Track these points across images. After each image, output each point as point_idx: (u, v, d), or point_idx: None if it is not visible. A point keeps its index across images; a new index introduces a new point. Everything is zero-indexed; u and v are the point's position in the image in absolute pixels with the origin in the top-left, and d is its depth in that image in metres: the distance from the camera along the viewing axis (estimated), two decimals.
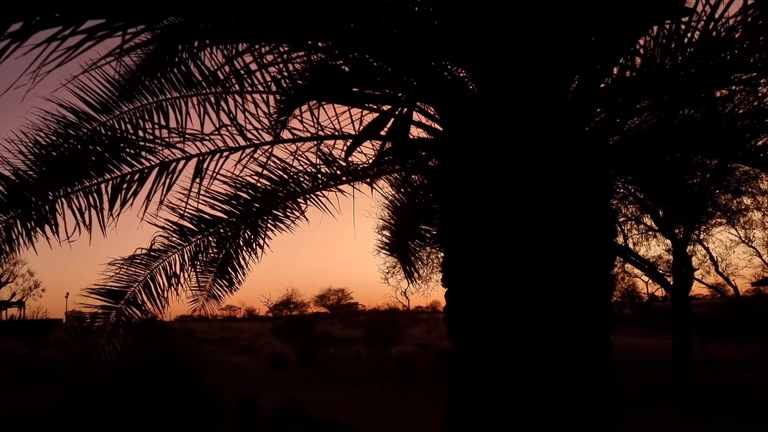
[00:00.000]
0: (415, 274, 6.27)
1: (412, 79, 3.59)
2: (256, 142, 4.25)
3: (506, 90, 3.42)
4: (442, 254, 3.81)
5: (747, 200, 16.75)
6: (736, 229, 18.67)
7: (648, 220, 17.01)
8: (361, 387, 15.56)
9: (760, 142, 4.31)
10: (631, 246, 17.65)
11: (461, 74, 4.00)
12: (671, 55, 2.94)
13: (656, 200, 11.85)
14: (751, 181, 15.00)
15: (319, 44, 3.29)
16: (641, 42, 3.57)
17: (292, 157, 4.52)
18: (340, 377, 17.60)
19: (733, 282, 20.29)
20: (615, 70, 3.47)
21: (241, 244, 5.27)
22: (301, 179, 4.78)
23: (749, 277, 31.47)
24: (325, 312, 53.92)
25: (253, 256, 5.35)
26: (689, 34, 2.94)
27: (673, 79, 2.93)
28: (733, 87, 3.46)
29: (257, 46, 3.41)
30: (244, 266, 5.44)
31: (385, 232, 6.28)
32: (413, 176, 5.08)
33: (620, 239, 17.06)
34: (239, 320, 61.99)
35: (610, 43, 3.08)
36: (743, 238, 19.19)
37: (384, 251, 6.15)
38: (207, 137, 4.13)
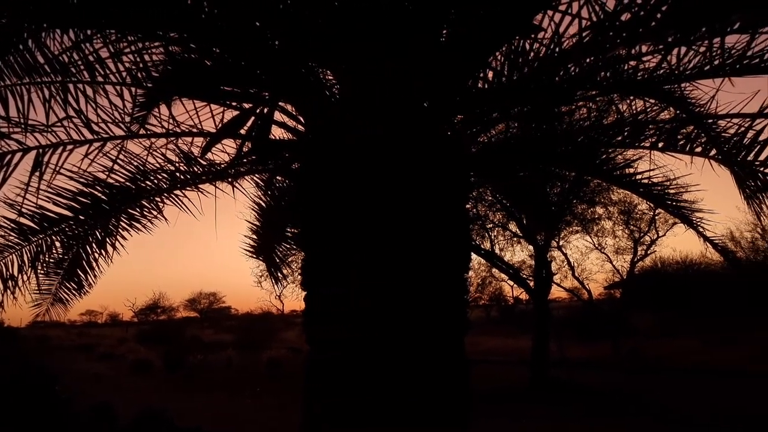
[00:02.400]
0: (282, 278, 6.16)
1: (274, 78, 3.51)
2: (104, 135, 3.98)
3: (367, 94, 3.44)
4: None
5: (600, 210, 18.13)
6: (590, 237, 20.16)
7: (513, 227, 17.91)
8: (230, 393, 15.13)
9: (603, 156, 4.64)
10: (497, 251, 18.51)
11: (326, 76, 3.98)
12: (518, 69, 3.08)
13: (518, 209, 12.47)
14: (603, 192, 16.22)
15: (170, 36, 3.12)
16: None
17: (147, 153, 4.28)
18: (209, 383, 17.03)
19: (587, 286, 21.88)
20: (471, 82, 3.58)
21: (93, 244, 4.92)
22: (159, 177, 4.54)
23: (601, 281, 34.00)
24: (195, 316, 51.95)
25: (107, 257, 5.01)
26: (534, 52, 3.09)
27: (519, 92, 3.07)
28: (577, 103, 3.71)
29: (106, 33, 3.20)
30: (95, 268, 5.08)
31: (252, 235, 6.12)
32: (279, 178, 4.99)
33: (487, 245, 17.82)
34: (101, 326, 58.33)
35: (466, 55, 3.17)
36: (596, 245, 20.74)
37: (250, 255, 5.99)
38: (48, 129, 3.81)
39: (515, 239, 18.66)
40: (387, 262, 3.01)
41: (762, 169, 3.63)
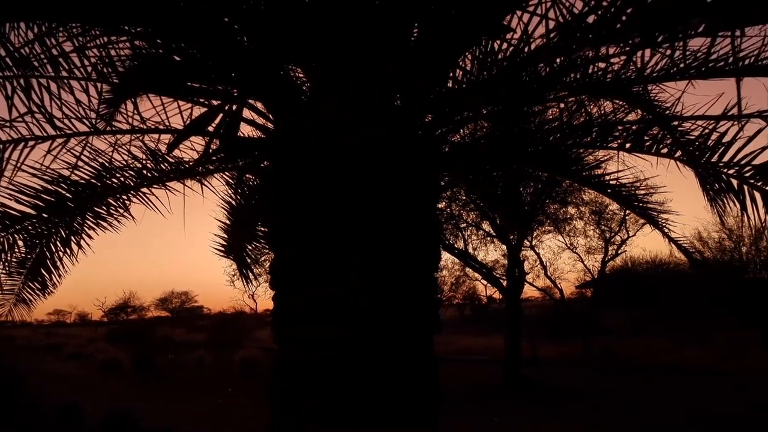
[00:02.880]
0: (253, 278, 6.11)
1: (243, 75, 3.47)
2: (68, 131, 3.90)
3: (337, 92, 3.42)
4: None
5: (572, 210, 18.32)
6: (562, 237, 20.37)
7: (487, 227, 18.00)
8: (202, 393, 14.99)
9: (573, 157, 4.68)
10: (471, 251, 18.59)
11: (297, 73, 3.95)
12: (487, 69, 3.09)
13: (491, 209, 12.55)
14: (575, 192, 16.39)
15: (136, 30, 3.07)
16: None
17: (113, 150, 4.20)
18: (180, 383, 16.84)
19: (559, 285, 22.09)
20: (442, 82, 3.58)
21: (57, 243, 4.82)
22: (126, 174, 4.47)
23: (573, 280, 34.42)
24: (167, 316, 51.32)
25: (72, 257, 4.91)
26: (503, 52, 3.11)
27: (489, 92, 3.08)
28: (548, 104, 3.74)
29: (70, 27, 3.13)
30: (60, 267, 4.98)
31: (222, 234, 6.05)
32: (249, 176, 4.94)
33: (461, 244, 17.90)
34: (69, 326, 57.26)
35: (436, 55, 3.17)
36: (568, 245, 20.97)
37: (220, 254, 5.91)
38: (10, 124, 3.72)
39: (489, 239, 18.76)
40: (355, 262, 2.99)
41: (725, 170, 3.69)
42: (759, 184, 3.59)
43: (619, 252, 21.02)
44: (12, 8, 3.10)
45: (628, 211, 17.81)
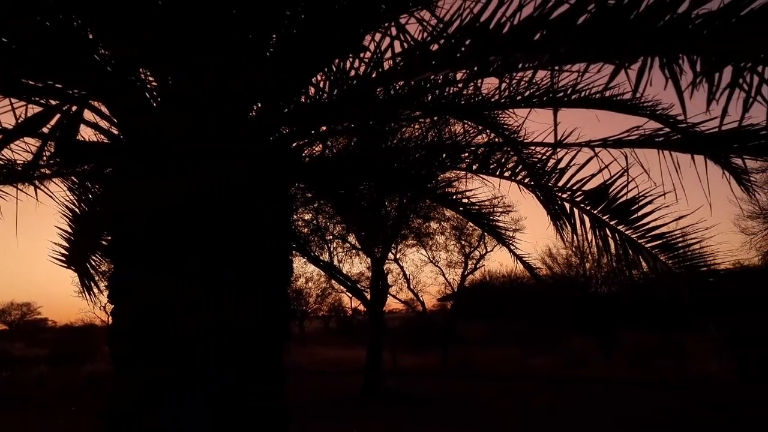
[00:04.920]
0: (97, 290, 5.74)
1: (84, 75, 3.25)
2: None
3: (189, 100, 3.30)
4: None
5: (434, 225, 18.98)
6: (425, 250, 21.04)
7: (352, 239, 18.19)
8: (42, 412, 13.80)
9: (425, 175, 4.84)
10: (336, 263, 18.68)
11: (148, 77, 3.77)
12: (338, 87, 3.12)
13: (353, 223, 12.70)
14: (438, 208, 17.00)
15: None
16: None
17: None
18: (18, 402, 15.39)
19: (421, 298, 22.77)
20: (296, 97, 3.57)
21: None
22: None
23: (435, 293, 35.57)
24: (4, 329, 46.77)
25: None
26: (355, 70, 3.16)
27: (341, 109, 3.12)
28: (402, 123, 3.85)
29: None
30: None
31: (64, 243, 5.63)
32: (92, 183, 4.64)
33: (326, 256, 17.93)
34: None
35: (291, 70, 3.16)
36: (431, 259, 21.69)
37: (60, 264, 5.49)
38: None
39: (354, 251, 18.97)
40: (197, 277, 2.89)
41: (560, 194, 3.98)
42: (588, 208, 3.90)
43: (477, 266, 22.07)
44: None
45: None
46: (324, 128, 3.94)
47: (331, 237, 17.95)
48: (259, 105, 3.52)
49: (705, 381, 14.78)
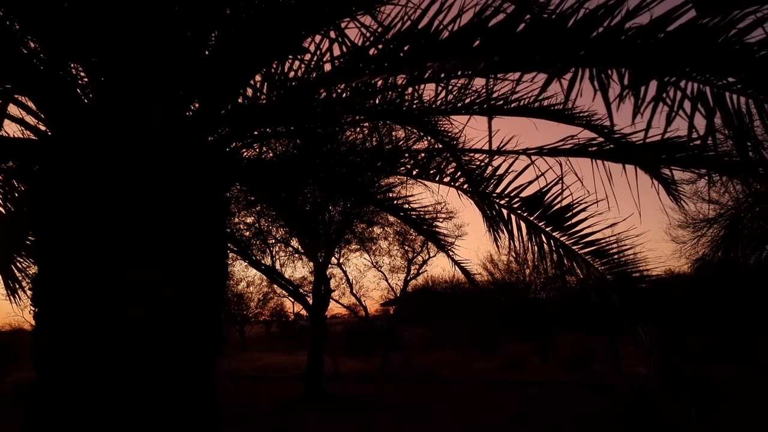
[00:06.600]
0: (20, 291, 5.49)
1: (9, 70, 3.11)
2: None
3: (122, 97, 3.20)
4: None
5: (377, 230, 19.02)
6: (368, 255, 21.06)
7: (295, 243, 18.02)
8: None
9: (366, 179, 4.84)
10: (278, 267, 18.45)
11: (79, 72, 3.65)
12: (276, 89, 3.09)
13: (293, 226, 12.61)
14: (381, 212, 17.04)
15: None
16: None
17: None
18: None
19: (364, 303, 22.77)
20: (234, 98, 3.51)
21: None
22: None
23: (378, 298, 35.67)
24: None
25: None
26: (294, 71, 3.13)
27: (279, 112, 3.08)
28: (343, 128, 3.84)
29: None
30: None
31: None
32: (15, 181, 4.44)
33: (268, 260, 17.70)
34: None
35: (228, 72, 3.10)
36: (374, 264, 21.72)
37: None
38: None
39: (297, 255, 18.80)
40: (124, 279, 2.80)
41: (498, 200, 4.04)
42: (525, 215, 3.97)
43: (420, 271, 22.22)
44: None
45: None
46: (264, 130, 3.88)
47: (273, 241, 17.74)
48: (197, 104, 3.44)
49: (634, 384, 15.28)
